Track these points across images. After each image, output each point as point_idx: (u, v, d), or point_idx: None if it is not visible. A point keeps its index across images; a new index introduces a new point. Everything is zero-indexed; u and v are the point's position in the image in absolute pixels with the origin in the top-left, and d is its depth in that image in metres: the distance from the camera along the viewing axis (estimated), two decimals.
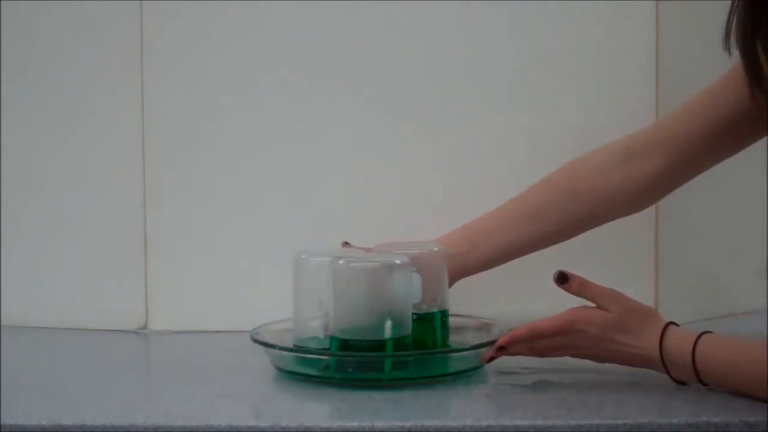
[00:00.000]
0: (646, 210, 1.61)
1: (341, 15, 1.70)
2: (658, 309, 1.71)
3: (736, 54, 1.34)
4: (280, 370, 1.46)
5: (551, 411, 1.30)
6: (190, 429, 1.26)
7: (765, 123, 1.39)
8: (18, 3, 1.73)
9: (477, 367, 1.44)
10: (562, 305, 1.41)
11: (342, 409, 1.32)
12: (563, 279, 1.40)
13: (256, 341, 1.46)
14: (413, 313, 1.46)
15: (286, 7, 1.70)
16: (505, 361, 1.45)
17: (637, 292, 1.65)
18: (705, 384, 1.32)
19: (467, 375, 1.43)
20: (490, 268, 1.58)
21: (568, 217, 1.56)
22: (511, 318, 1.51)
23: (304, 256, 1.48)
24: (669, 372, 1.35)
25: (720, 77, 1.44)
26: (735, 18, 1.32)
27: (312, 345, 1.46)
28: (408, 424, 1.25)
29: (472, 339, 1.50)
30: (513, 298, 1.66)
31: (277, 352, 1.45)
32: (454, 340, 1.52)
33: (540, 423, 1.25)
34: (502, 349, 1.42)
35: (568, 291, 1.40)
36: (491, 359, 1.43)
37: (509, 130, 1.72)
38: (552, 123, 1.71)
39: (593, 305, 1.40)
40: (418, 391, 1.37)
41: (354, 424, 1.26)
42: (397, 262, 1.44)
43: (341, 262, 1.43)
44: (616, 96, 1.71)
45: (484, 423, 1.25)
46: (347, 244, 1.58)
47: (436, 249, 1.51)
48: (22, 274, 1.76)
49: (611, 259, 1.66)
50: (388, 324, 1.41)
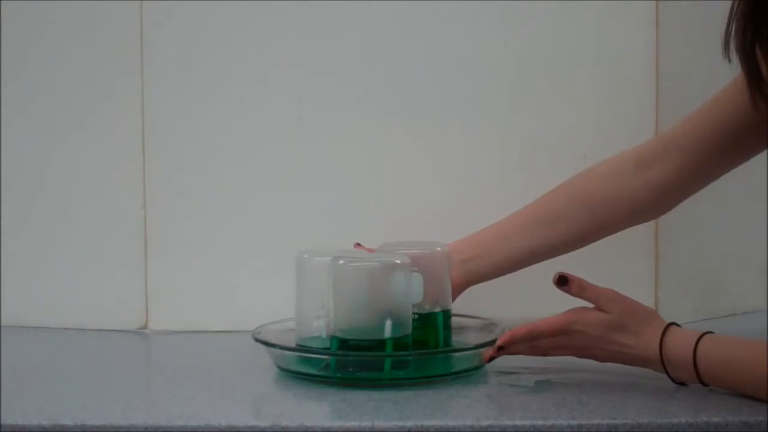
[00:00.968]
0: None
1: (342, 16, 1.70)
2: (658, 309, 1.72)
3: (736, 60, 1.33)
4: (281, 369, 1.46)
5: (551, 411, 1.30)
6: (190, 429, 1.26)
7: (766, 129, 1.39)
8: (18, 3, 1.73)
9: (477, 367, 1.44)
10: (567, 306, 1.41)
11: (342, 409, 1.32)
12: (563, 281, 1.40)
13: (258, 340, 1.46)
14: (414, 313, 1.46)
15: (286, 8, 1.70)
16: (506, 361, 1.45)
17: (637, 292, 1.65)
18: (705, 384, 1.32)
19: (467, 375, 1.43)
20: (503, 274, 1.58)
21: (583, 224, 1.55)
22: (516, 319, 1.50)
23: (306, 255, 1.48)
24: (668, 372, 1.35)
25: (726, 84, 1.44)
26: (734, 24, 1.32)
27: (314, 344, 1.46)
28: (408, 424, 1.25)
29: (474, 339, 1.51)
30: (518, 299, 1.65)
31: (278, 351, 1.45)
32: (456, 340, 1.52)
33: (540, 423, 1.25)
34: (501, 349, 1.43)
35: (568, 293, 1.40)
36: (491, 359, 1.43)
37: (509, 130, 1.72)
38: (552, 123, 1.71)
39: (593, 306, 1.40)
40: (418, 391, 1.37)
41: (354, 424, 1.26)
42: (398, 261, 1.44)
43: (341, 261, 1.43)
44: (616, 96, 1.71)
45: (484, 423, 1.25)
46: (359, 245, 1.58)
47: (438, 249, 1.51)
48: (22, 274, 1.76)
49: (611, 259, 1.66)
50: (388, 324, 1.41)
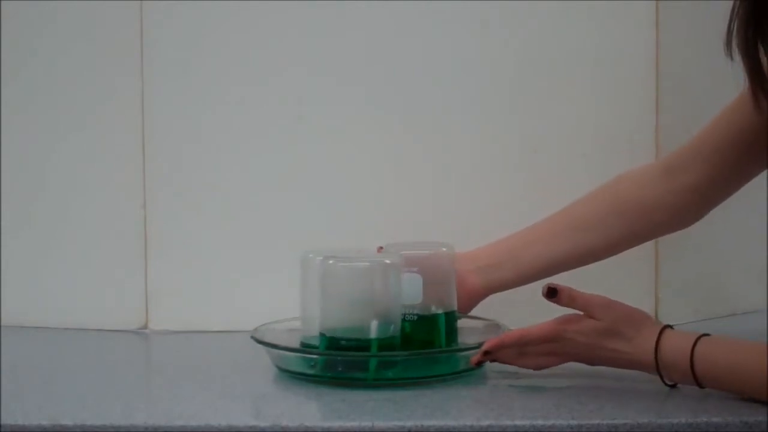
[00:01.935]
0: None
1: (342, 16, 1.70)
2: (658, 309, 1.72)
3: (738, 59, 1.33)
4: (280, 369, 1.46)
5: (551, 411, 1.30)
6: (190, 429, 1.26)
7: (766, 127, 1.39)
8: (18, 3, 1.73)
9: (466, 370, 1.43)
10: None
11: (342, 409, 1.32)
12: (552, 293, 1.38)
13: (255, 339, 1.46)
14: (414, 314, 1.46)
15: (286, 8, 1.70)
16: None
17: (637, 292, 1.66)
18: (702, 387, 1.32)
19: (467, 375, 1.43)
20: (527, 282, 1.55)
21: (612, 232, 1.54)
22: (525, 323, 1.48)
23: (310, 255, 1.48)
24: (662, 375, 1.34)
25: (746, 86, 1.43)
26: (736, 22, 1.31)
27: (317, 344, 1.46)
28: (408, 424, 1.25)
29: (476, 341, 1.49)
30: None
31: (274, 351, 1.45)
32: (462, 341, 1.51)
33: (540, 423, 1.25)
34: (488, 354, 1.41)
35: (557, 304, 1.38)
36: (479, 363, 1.42)
37: (509, 130, 1.72)
38: (552, 123, 1.71)
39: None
40: (418, 391, 1.37)
41: (354, 424, 1.26)
42: (387, 262, 1.44)
43: (331, 261, 1.43)
44: (616, 96, 1.71)
45: (484, 423, 1.25)
46: (382, 249, 1.55)
47: (444, 250, 1.49)
48: (22, 274, 1.76)
49: (611, 260, 1.65)
50: (373, 324, 1.41)
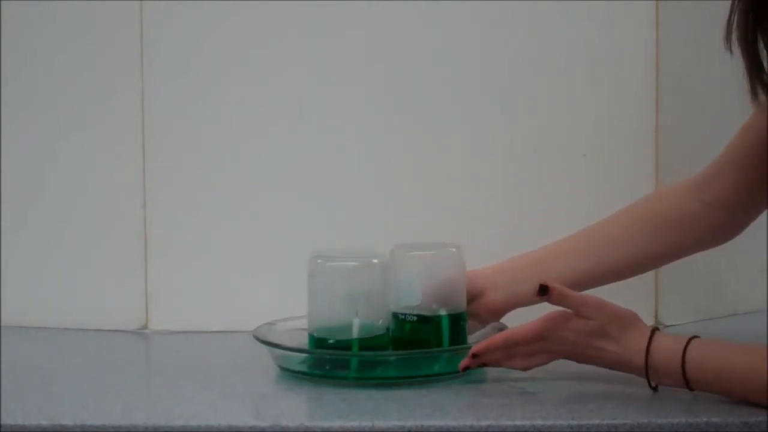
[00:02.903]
0: None
1: (342, 16, 1.70)
2: (658, 309, 1.72)
3: (737, 52, 1.33)
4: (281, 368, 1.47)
5: (551, 411, 1.30)
6: (190, 429, 1.26)
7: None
8: (18, 3, 1.73)
9: (452, 372, 1.42)
10: None
11: (342, 409, 1.32)
12: (543, 291, 1.37)
13: (259, 340, 1.47)
14: (413, 315, 1.45)
15: (286, 8, 1.70)
16: None
17: (637, 291, 1.65)
18: (692, 389, 1.32)
19: (467, 375, 1.43)
20: None
21: (646, 247, 1.52)
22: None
23: (319, 261, 1.48)
24: (649, 378, 1.34)
25: None
26: (736, 15, 1.31)
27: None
28: (408, 424, 1.25)
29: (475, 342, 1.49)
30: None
31: (278, 350, 1.45)
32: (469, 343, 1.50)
33: (540, 423, 1.25)
34: (476, 357, 1.39)
35: (549, 302, 1.37)
36: (466, 368, 1.39)
37: (509, 130, 1.72)
38: (552, 123, 1.71)
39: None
40: (418, 391, 1.37)
41: (354, 424, 1.26)
42: (375, 261, 1.44)
43: (319, 260, 1.44)
44: (616, 96, 1.71)
45: (484, 423, 1.25)
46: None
47: (452, 250, 1.48)
48: (22, 274, 1.76)
49: None
50: (355, 323, 1.42)
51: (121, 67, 1.73)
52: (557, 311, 1.38)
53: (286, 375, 1.45)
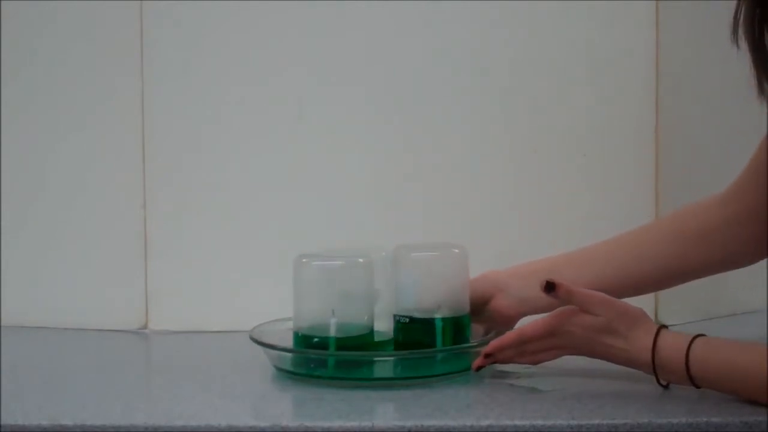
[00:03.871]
0: (645, 209, 1.60)
1: (342, 16, 1.70)
2: (658, 309, 1.72)
3: (743, 47, 1.32)
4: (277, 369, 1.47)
5: (551, 411, 1.30)
6: (190, 429, 1.26)
7: None
8: (18, 3, 1.73)
9: (438, 374, 1.42)
10: None
11: (342, 409, 1.32)
12: (550, 287, 1.37)
13: (255, 341, 1.47)
14: (407, 317, 1.45)
15: (286, 8, 1.70)
16: None
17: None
18: (698, 387, 1.32)
19: (468, 375, 1.43)
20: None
21: (669, 260, 1.48)
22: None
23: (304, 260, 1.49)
24: (657, 375, 1.34)
25: None
26: (743, 11, 1.31)
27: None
28: (408, 424, 1.25)
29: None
30: None
31: (274, 351, 1.45)
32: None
33: (540, 423, 1.25)
34: (489, 356, 1.40)
35: (555, 299, 1.37)
36: (480, 368, 1.41)
37: (509, 130, 1.72)
38: (552, 123, 1.71)
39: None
40: (418, 391, 1.37)
41: (354, 424, 1.26)
42: (360, 261, 1.44)
43: (304, 260, 1.45)
44: (616, 96, 1.71)
45: (484, 423, 1.25)
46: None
47: (456, 251, 1.47)
48: (22, 274, 1.76)
49: None
50: (332, 322, 1.42)
51: (121, 67, 1.72)
52: (566, 308, 1.38)
53: (284, 375, 1.45)
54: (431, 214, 1.71)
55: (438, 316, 1.45)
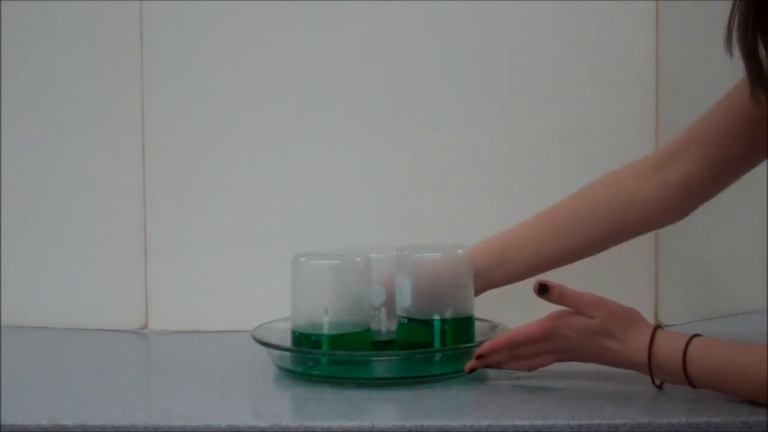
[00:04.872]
0: None
1: (342, 16, 1.70)
2: (658, 309, 1.72)
3: (737, 55, 1.33)
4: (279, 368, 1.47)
5: (551, 411, 1.30)
6: (190, 429, 1.26)
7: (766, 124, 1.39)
8: (18, 3, 1.73)
9: (428, 376, 1.42)
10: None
11: (342, 409, 1.32)
12: (543, 289, 1.37)
13: (257, 340, 1.47)
14: (404, 318, 1.45)
15: (286, 8, 1.70)
16: None
17: (637, 292, 1.66)
18: (694, 387, 1.32)
19: (467, 375, 1.43)
20: (521, 280, 1.55)
21: (604, 228, 1.54)
22: (519, 321, 1.47)
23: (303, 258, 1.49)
24: (653, 375, 1.34)
25: (743, 76, 1.43)
26: (736, 18, 1.31)
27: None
28: (408, 424, 1.25)
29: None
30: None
31: (275, 351, 1.45)
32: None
33: (540, 423, 1.25)
34: (481, 359, 1.40)
35: (548, 301, 1.38)
36: (472, 370, 1.40)
37: (509, 130, 1.72)
38: (552, 123, 1.71)
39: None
40: (418, 391, 1.37)
41: (354, 424, 1.26)
42: (357, 260, 1.45)
43: (302, 259, 1.45)
44: (616, 96, 1.71)
45: (484, 423, 1.25)
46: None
47: (459, 252, 1.48)
48: (22, 274, 1.76)
49: (611, 259, 1.65)
50: (325, 320, 1.42)
51: (121, 68, 1.73)
52: (559, 310, 1.38)
53: (285, 375, 1.45)
54: (431, 213, 1.71)
55: (437, 317, 1.45)
